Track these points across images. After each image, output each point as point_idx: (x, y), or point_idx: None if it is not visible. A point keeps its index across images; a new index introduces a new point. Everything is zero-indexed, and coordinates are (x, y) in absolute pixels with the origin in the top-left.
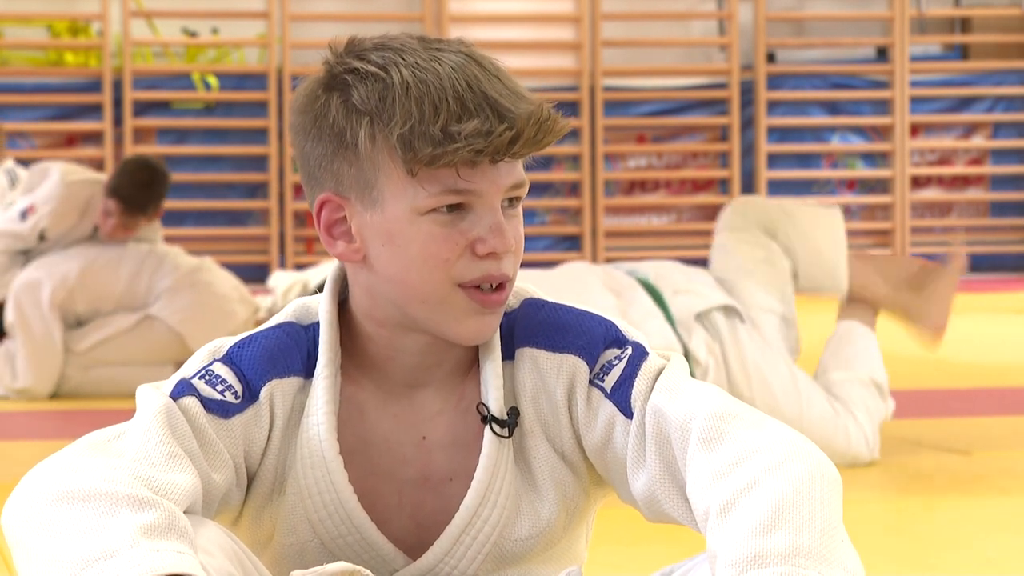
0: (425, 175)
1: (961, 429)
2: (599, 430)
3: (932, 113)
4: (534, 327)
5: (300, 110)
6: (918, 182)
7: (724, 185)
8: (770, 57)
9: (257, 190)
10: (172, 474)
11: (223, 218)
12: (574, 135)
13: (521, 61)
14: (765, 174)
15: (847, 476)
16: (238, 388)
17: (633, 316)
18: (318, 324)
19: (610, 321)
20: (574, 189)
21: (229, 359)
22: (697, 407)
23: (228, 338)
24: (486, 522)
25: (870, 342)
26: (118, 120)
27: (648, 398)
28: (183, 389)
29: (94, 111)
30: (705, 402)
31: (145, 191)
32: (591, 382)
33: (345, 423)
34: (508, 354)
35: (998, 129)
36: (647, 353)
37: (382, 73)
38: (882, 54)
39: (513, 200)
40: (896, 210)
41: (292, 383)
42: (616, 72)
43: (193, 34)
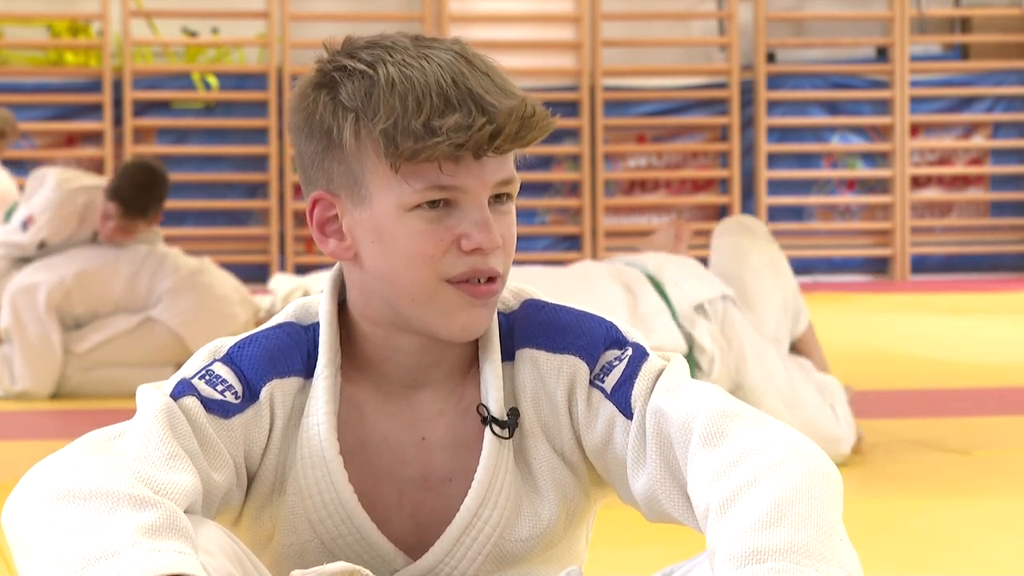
0: (408, 170)
1: (961, 429)
2: (599, 431)
3: (932, 113)
4: (534, 328)
5: (294, 109)
6: (918, 182)
7: (724, 185)
8: (770, 57)
9: (257, 190)
10: (172, 474)
11: (223, 218)
12: (574, 135)
13: (521, 61)
14: (765, 174)
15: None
16: (238, 388)
17: (642, 311)
18: (318, 324)
19: (610, 322)
20: (574, 189)
21: (229, 359)
22: (699, 407)
23: (228, 338)
24: (486, 523)
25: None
26: (118, 120)
27: (648, 399)
28: (183, 389)
29: (94, 111)
30: (706, 402)
31: (145, 194)
32: (591, 383)
33: (345, 423)
34: (508, 355)
35: (998, 129)
36: (647, 354)
37: (369, 70)
38: (882, 54)
39: (502, 197)
40: (896, 210)
41: (292, 383)
42: (616, 72)
43: (193, 34)
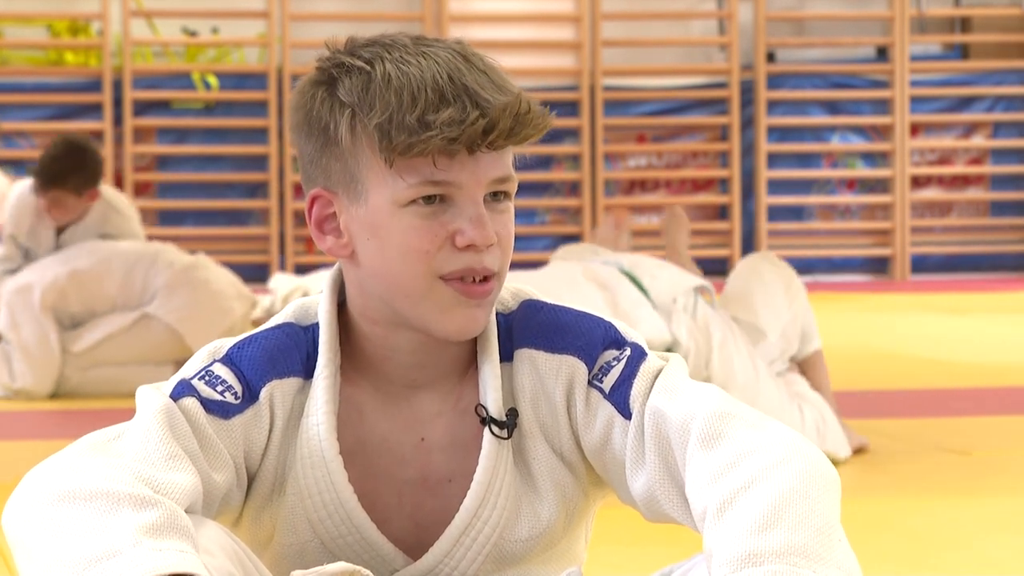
0: (403, 165)
1: (961, 429)
2: (598, 431)
3: (932, 113)
4: (532, 328)
5: (294, 107)
6: (918, 182)
7: (724, 185)
8: (770, 57)
9: (257, 190)
10: (172, 474)
11: (223, 218)
12: (574, 135)
13: (521, 61)
14: (765, 174)
15: (846, 475)
16: (238, 389)
17: (623, 307)
18: (317, 325)
19: (609, 322)
20: (574, 189)
21: (229, 360)
22: (697, 407)
23: (228, 339)
24: (486, 523)
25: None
26: (118, 120)
27: (647, 399)
28: (183, 390)
29: (94, 111)
30: (705, 402)
31: (55, 163)
32: (590, 383)
33: (344, 424)
34: (506, 355)
35: (998, 129)
36: (646, 354)
37: (367, 67)
38: (882, 54)
39: (499, 195)
40: (896, 210)
41: (292, 384)
42: (616, 72)
43: (193, 34)
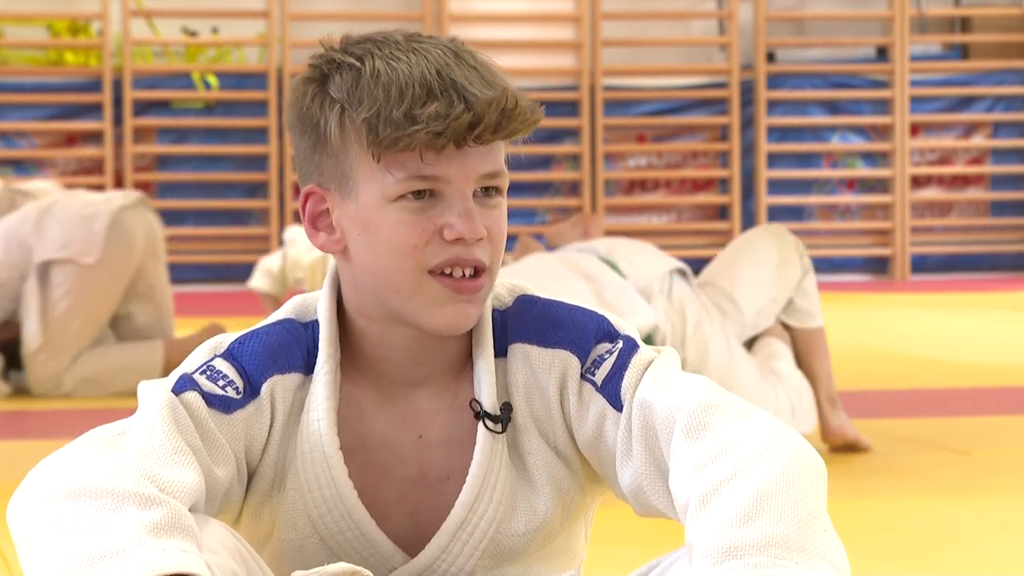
0: (391, 160)
1: (961, 429)
2: (591, 424)
3: (932, 113)
4: (526, 323)
5: (289, 106)
6: (918, 182)
7: (724, 185)
8: (770, 57)
9: (257, 189)
10: (177, 471)
11: (223, 218)
12: (574, 135)
13: (521, 61)
14: (765, 174)
15: (846, 475)
16: (239, 383)
17: (609, 297)
18: (317, 322)
19: (602, 315)
20: (574, 189)
21: (230, 355)
22: (683, 399)
23: (228, 334)
24: (482, 518)
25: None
26: (118, 119)
27: (636, 391)
28: (185, 384)
29: (94, 110)
30: (691, 394)
31: None
32: (583, 376)
33: (344, 420)
34: (501, 350)
35: (998, 129)
36: (638, 346)
37: (357, 63)
38: (882, 54)
39: (490, 191)
40: (896, 210)
41: (293, 379)
42: (616, 72)
43: (193, 33)
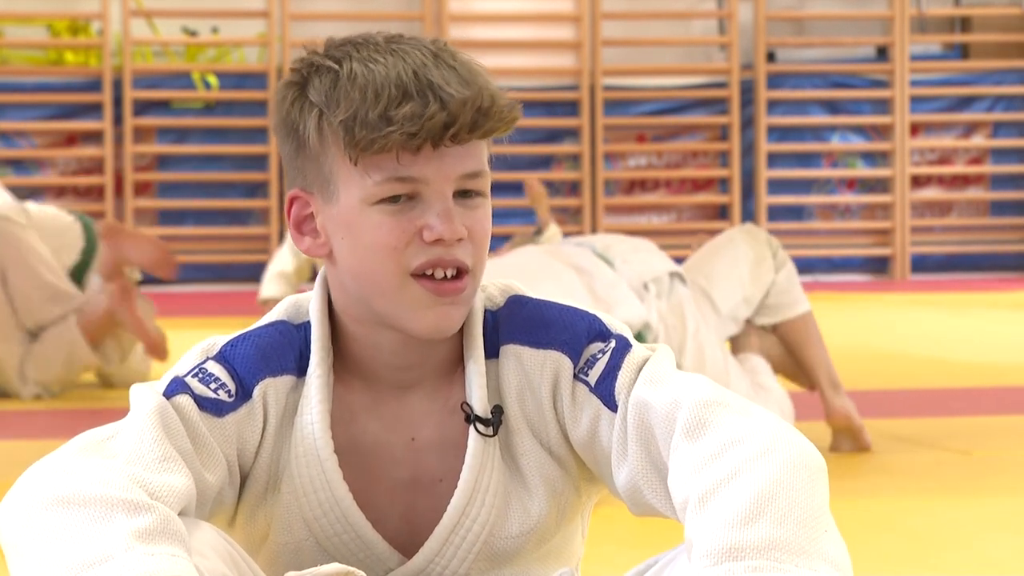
0: (368, 163)
1: (961, 429)
2: (585, 425)
3: (932, 112)
4: (518, 324)
5: (274, 111)
6: (918, 181)
7: (724, 184)
8: (770, 56)
9: (257, 189)
10: (167, 476)
11: (223, 217)
12: (574, 134)
13: (521, 60)
14: (765, 173)
15: (846, 475)
16: (231, 386)
17: (600, 290)
18: (309, 324)
19: (593, 315)
20: (574, 189)
21: (222, 357)
22: (682, 397)
23: (220, 336)
24: (475, 521)
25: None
26: (118, 119)
27: (631, 390)
28: (177, 387)
29: (94, 110)
30: (690, 392)
31: None
32: (575, 377)
33: (337, 423)
34: (493, 352)
35: (998, 128)
36: (630, 345)
37: (336, 66)
38: (882, 53)
39: (471, 193)
40: (896, 209)
41: (285, 382)
42: (616, 71)
43: (193, 33)
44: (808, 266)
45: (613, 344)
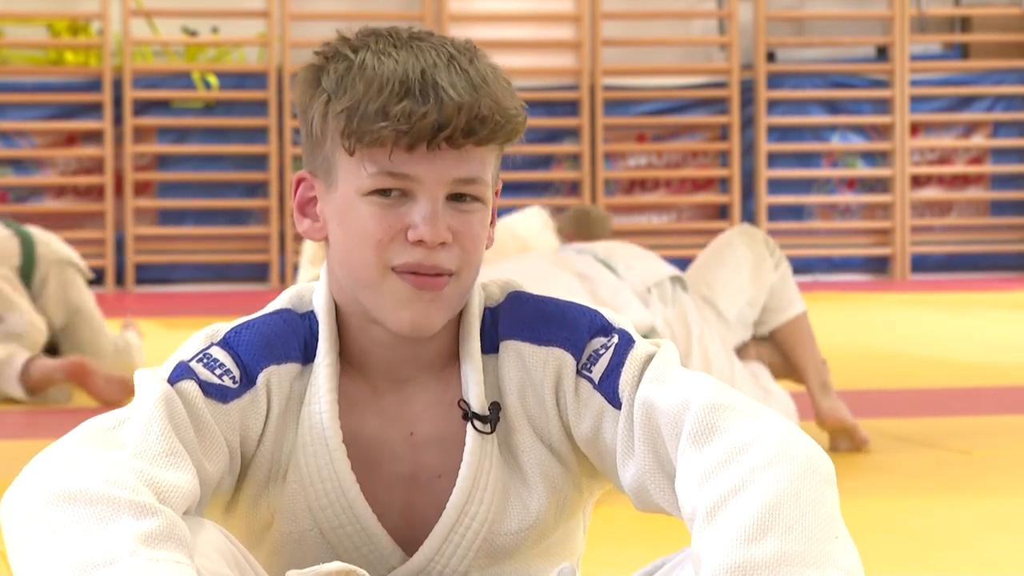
0: (364, 154)
1: (961, 429)
2: (589, 422)
3: (932, 112)
4: (518, 320)
5: (294, 98)
6: (918, 181)
7: (724, 184)
8: (770, 56)
9: (257, 189)
10: (173, 473)
11: (223, 217)
12: (574, 134)
13: (521, 60)
14: (765, 173)
15: (846, 475)
16: (236, 373)
17: (603, 295)
18: (313, 312)
19: (595, 310)
20: (574, 188)
21: (226, 343)
22: (690, 398)
23: (224, 323)
24: (474, 519)
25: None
26: (118, 119)
27: (636, 388)
28: (182, 372)
29: (94, 110)
30: (697, 393)
31: None
32: (579, 373)
33: (341, 414)
34: (492, 347)
35: (998, 128)
36: (633, 340)
37: (352, 55)
38: (882, 53)
39: (465, 197)
40: (896, 209)
41: (289, 369)
42: (616, 71)
43: (193, 33)
44: (808, 266)
45: (616, 339)
